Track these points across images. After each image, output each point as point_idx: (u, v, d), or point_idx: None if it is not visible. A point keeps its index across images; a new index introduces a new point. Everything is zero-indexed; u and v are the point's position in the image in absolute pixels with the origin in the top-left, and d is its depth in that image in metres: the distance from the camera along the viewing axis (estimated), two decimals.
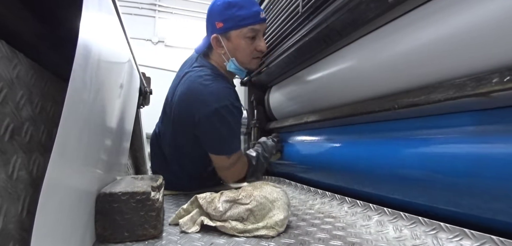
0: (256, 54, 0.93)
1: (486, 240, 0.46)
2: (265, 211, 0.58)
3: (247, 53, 0.91)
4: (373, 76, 0.73)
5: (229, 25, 0.88)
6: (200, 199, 0.60)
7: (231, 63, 0.92)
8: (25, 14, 0.44)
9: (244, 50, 0.90)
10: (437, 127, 0.61)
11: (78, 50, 0.33)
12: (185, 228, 0.58)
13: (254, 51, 0.92)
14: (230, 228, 0.55)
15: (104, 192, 0.50)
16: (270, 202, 0.59)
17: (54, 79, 0.50)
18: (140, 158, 1.35)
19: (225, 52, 0.91)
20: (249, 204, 0.57)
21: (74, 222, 0.39)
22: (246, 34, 0.89)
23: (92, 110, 0.43)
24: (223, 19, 0.88)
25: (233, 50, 0.91)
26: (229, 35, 0.89)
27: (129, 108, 0.87)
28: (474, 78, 0.49)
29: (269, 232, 0.54)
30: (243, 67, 0.94)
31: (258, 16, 0.89)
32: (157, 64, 2.89)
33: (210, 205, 0.59)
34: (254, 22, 0.88)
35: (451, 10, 0.53)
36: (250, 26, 0.88)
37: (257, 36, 0.91)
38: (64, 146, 0.32)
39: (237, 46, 0.90)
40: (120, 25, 0.66)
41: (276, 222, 0.56)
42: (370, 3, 0.66)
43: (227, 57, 0.91)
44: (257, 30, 0.90)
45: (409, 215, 0.60)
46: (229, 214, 0.57)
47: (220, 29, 0.89)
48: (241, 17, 0.87)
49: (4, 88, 0.35)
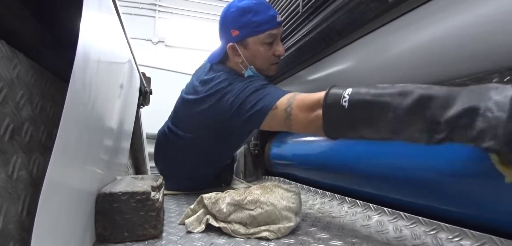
0: (275, 59, 0.90)
1: (486, 240, 0.46)
2: (270, 220, 0.55)
3: (266, 59, 0.88)
4: (373, 76, 0.73)
5: (246, 32, 0.84)
6: (206, 199, 0.60)
7: (250, 71, 0.88)
8: (25, 14, 0.44)
9: (263, 56, 0.87)
10: None
11: (78, 50, 0.33)
12: (191, 228, 0.58)
13: (272, 57, 0.89)
14: (232, 231, 0.55)
15: (104, 192, 0.50)
16: (278, 210, 0.56)
17: (54, 79, 0.50)
18: (140, 158, 1.35)
19: (243, 61, 0.87)
20: (253, 211, 0.56)
21: (74, 222, 0.39)
22: (264, 40, 0.85)
23: (92, 111, 0.43)
24: (239, 27, 0.84)
25: (251, 57, 0.87)
26: (246, 43, 0.86)
27: (129, 108, 0.87)
28: (474, 78, 0.49)
29: (270, 235, 0.54)
30: (262, 74, 0.90)
31: (275, 20, 0.85)
32: (157, 64, 2.89)
33: (215, 205, 0.58)
34: (271, 27, 0.84)
35: (451, 10, 0.53)
36: (268, 31, 0.84)
37: (275, 41, 0.87)
38: (64, 146, 0.32)
39: (255, 53, 0.86)
40: (120, 25, 0.67)
41: (279, 228, 0.55)
42: (370, 3, 0.66)
43: (245, 65, 0.88)
44: (275, 34, 0.86)
45: (409, 215, 0.60)
46: (233, 217, 0.56)
47: (236, 37, 0.85)
48: (258, 23, 0.83)
49: (4, 88, 0.35)
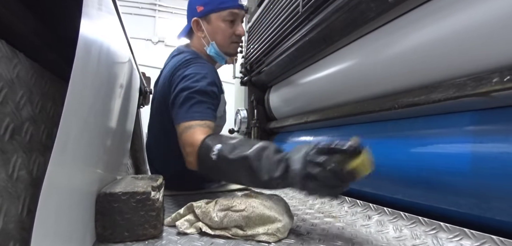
0: (235, 38, 0.97)
1: (486, 240, 0.46)
2: (264, 216, 0.55)
3: (226, 36, 0.95)
4: (373, 76, 0.73)
5: (209, 8, 0.93)
6: (196, 208, 0.59)
7: (212, 47, 0.95)
8: (25, 14, 0.44)
9: (223, 33, 0.94)
10: (437, 126, 0.61)
11: (78, 50, 0.33)
12: (183, 228, 0.57)
13: (233, 36, 0.96)
14: (231, 234, 0.55)
15: (104, 192, 0.50)
16: (267, 208, 0.56)
17: (54, 79, 0.50)
18: (140, 158, 1.35)
19: (205, 36, 0.95)
20: (244, 211, 0.55)
21: (74, 221, 0.39)
22: (225, 17, 0.93)
23: (92, 110, 0.43)
24: (204, 3, 0.93)
25: (212, 33, 0.94)
26: (209, 18, 0.93)
27: (129, 108, 0.87)
28: (474, 78, 0.49)
29: (269, 239, 0.53)
30: (222, 51, 0.97)
31: (237, 1, 0.93)
32: (157, 64, 2.88)
33: (206, 215, 0.57)
34: (233, 6, 0.93)
35: (451, 10, 0.53)
36: (229, 9, 0.93)
37: (236, 20, 0.95)
38: (64, 146, 0.32)
39: (216, 28, 0.94)
40: (120, 25, 0.66)
41: (278, 228, 0.54)
42: (370, 3, 0.66)
43: (207, 41, 0.95)
44: (236, 14, 0.94)
45: (409, 215, 0.60)
46: (226, 222, 0.56)
47: (200, 12, 0.94)
48: (221, 0, 0.92)
49: (4, 88, 0.35)
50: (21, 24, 0.44)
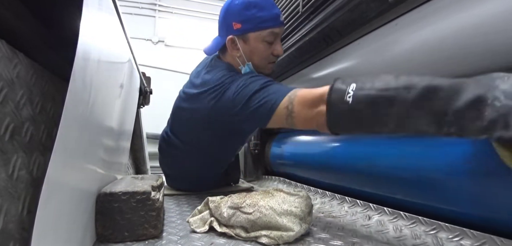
0: (272, 58, 0.89)
1: (486, 240, 0.46)
2: (271, 224, 0.54)
3: (264, 57, 0.87)
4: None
5: (248, 26, 0.83)
6: (210, 202, 0.61)
7: (247, 67, 0.87)
8: (25, 14, 0.44)
9: (262, 54, 0.86)
10: None
11: (78, 50, 0.33)
12: (194, 226, 0.58)
13: (271, 56, 0.88)
14: (235, 234, 0.55)
15: (104, 192, 0.50)
16: (277, 215, 0.54)
17: (54, 79, 0.50)
18: (140, 158, 1.35)
19: (241, 56, 0.86)
20: (251, 215, 0.55)
21: (75, 221, 0.39)
22: (265, 38, 0.84)
23: (92, 110, 0.43)
24: (242, 20, 0.83)
25: (249, 53, 0.86)
26: (247, 38, 0.84)
27: (129, 108, 0.87)
28: None
29: (270, 242, 0.52)
30: (258, 71, 0.89)
31: (279, 19, 0.85)
32: (157, 64, 2.89)
33: (217, 209, 0.59)
34: (274, 25, 0.84)
35: (451, 10, 0.53)
36: (271, 29, 0.83)
37: (275, 40, 0.87)
38: (65, 146, 0.32)
39: (254, 49, 0.85)
40: (120, 25, 0.67)
41: (281, 235, 0.52)
42: (370, 3, 0.66)
43: (243, 61, 0.86)
44: (277, 33, 0.86)
45: (409, 215, 0.60)
46: (233, 221, 0.56)
47: (237, 30, 0.84)
48: (262, 19, 0.82)
49: (4, 88, 0.35)
50: (21, 24, 0.44)
